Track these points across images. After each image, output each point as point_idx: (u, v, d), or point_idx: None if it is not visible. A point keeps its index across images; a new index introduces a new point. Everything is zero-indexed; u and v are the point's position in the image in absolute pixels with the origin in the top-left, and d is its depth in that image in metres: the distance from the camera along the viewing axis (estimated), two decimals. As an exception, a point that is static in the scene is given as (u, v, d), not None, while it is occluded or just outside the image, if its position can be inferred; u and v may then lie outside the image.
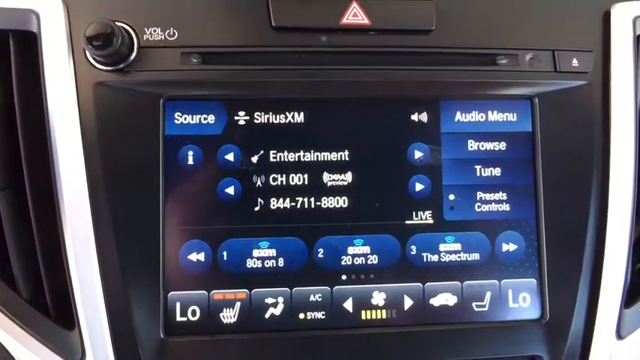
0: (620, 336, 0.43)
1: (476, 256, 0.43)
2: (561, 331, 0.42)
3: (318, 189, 0.42)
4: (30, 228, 0.40)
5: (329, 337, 0.41)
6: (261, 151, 0.42)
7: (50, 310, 0.41)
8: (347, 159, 0.43)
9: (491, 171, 0.44)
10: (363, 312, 0.42)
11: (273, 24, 0.42)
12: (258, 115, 0.42)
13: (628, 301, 0.44)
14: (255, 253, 0.42)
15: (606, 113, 0.44)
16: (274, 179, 0.42)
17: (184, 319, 0.41)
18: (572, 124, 0.44)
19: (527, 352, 0.42)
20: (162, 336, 0.40)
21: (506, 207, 0.44)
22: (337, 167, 0.43)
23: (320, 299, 0.42)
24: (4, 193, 0.41)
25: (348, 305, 0.42)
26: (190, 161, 0.42)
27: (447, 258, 0.43)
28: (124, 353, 0.39)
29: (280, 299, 0.41)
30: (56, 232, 0.40)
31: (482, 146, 0.44)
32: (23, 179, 0.40)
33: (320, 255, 0.42)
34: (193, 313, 0.41)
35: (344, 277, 0.42)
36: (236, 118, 0.42)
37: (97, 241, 0.40)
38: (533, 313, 0.43)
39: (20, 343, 0.40)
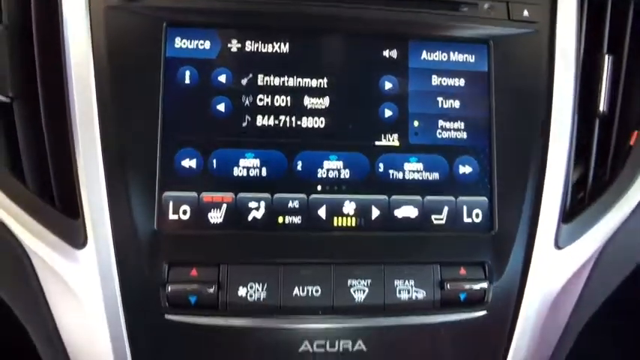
0: (558, 246, 0.49)
1: (436, 176, 0.49)
2: (507, 241, 0.48)
3: (299, 110, 0.48)
4: (40, 129, 0.45)
5: (304, 238, 0.47)
6: (250, 75, 0.48)
7: (56, 202, 0.45)
8: (325, 86, 0.49)
9: (451, 103, 0.50)
10: (335, 219, 0.48)
11: None
12: (248, 43, 0.48)
13: (567, 218, 0.50)
14: (242, 162, 0.47)
15: (551, 57, 0.50)
16: (260, 100, 0.48)
17: (176, 217, 0.46)
18: (522, 66, 0.51)
19: (476, 258, 0.48)
20: (155, 228, 0.45)
21: (463, 135, 0.50)
22: (317, 92, 0.49)
23: (297, 206, 0.47)
24: (18, 99, 0.46)
25: (322, 212, 0.48)
26: (187, 80, 0.47)
27: (410, 176, 0.49)
28: (121, 241, 0.44)
29: (262, 203, 0.47)
30: (65, 135, 0.45)
31: (444, 82, 0.50)
32: (35, 88, 0.46)
33: (299, 167, 0.48)
34: (184, 212, 0.46)
35: (319, 187, 0.48)
36: (229, 45, 0.48)
37: (103, 143, 0.45)
38: (484, 227, 0.49)
39: (29, 231, 0.45)
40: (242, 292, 0.45)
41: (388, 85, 0.49)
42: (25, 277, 0.46)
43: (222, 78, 0.48)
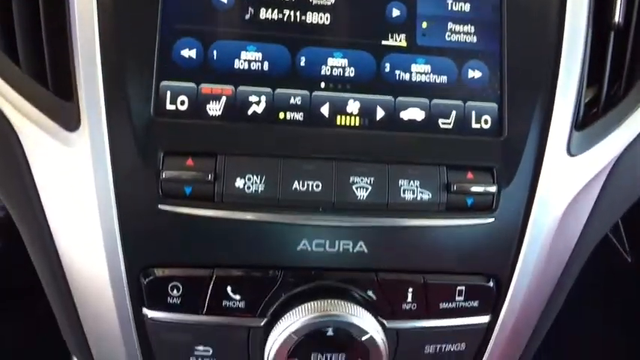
0: (571, 154, 0.47)
1: (444, 79, 0.47)
2: (516, 146, 0.46)
3: (304, 5, 0.46)
4: (37, 10, 0.44)
5: (306, 133, 0.45)
6: None
7: (50, 85, 0.44)
8: None
9: (461, 6, 0.48)
10: (339, 117, 0.46)
11: None
12: None
13: (580, 127, 0.48)
14: (243, 55, 0.45)
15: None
16: None
17: (173, 107, 0.44)
18: None
19: (485, 163, 0.46)
20: (151, 115, 0.43)
21: (473, 39, 0.48)
22: None
23: (299, 102, 0.45)
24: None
25: (325, 110, 0.46)
26: (189, -32, 0.46)
27: (417, 78, 0.47)
28: (115, 126, 0.43)
29: (263, 98, 0.45)
30: (62, 17, 0.44)
31: (454, -17, 0.49)
32: None
33: (302, 63, 0.46)
34: (182, 102, 0.44)
35: (322, 84, 0.46)
36: None
37: (100, 27, 0.43)
38: (493, 133, 0.47)
39: (21, 113, 0.43)
40: (239, 183, 0.43)
41: (396, -16, 0.48)
42: (17, 166, 0.44)
43: None
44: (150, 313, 0.45)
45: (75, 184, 0.43)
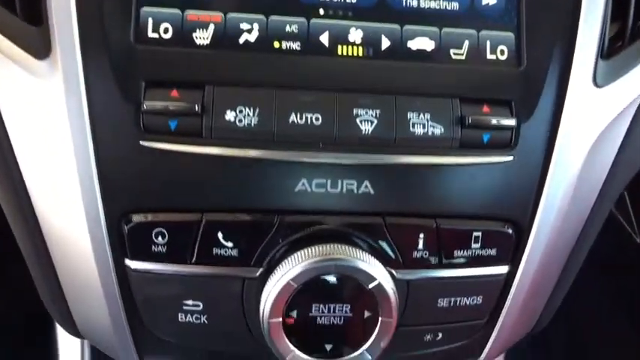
0: (597, 85, 0.42)
1: (455, 6, 0.43)
2: (537, 77, 0.42)
3: None
4: None
5: (303, 62, 0.40)
6: None
7: (18, 9, 0.39)
8: None
9: None
10: (340, 47, 0.41)
11: None
12: None
13: (606, 56, 0.43)
14: (232, -23, 0.41)
15: None
16: None
17: (156, 35, 0.40)
18: None
19: (502, 95, 0.42)
20: (132, 41, 0.39)
21: None
22: None
23: (296, 30, 0.41)
24: None
25: (324, 39, 0.41)
26: None
27: (426, 4, 0.42)
28: (90, 53, 0.38)
29: (255, 25, 0.41)
30: None
31: None
32: None
33: (298, -13, 0.41)
34: (165, 30, 0.40)
35: (321, 11, 0.41)
36: None
37: None
38: (510, 64, 0.43)
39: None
40: (230, 116, 0.39)
41: None
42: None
43: None
44: (133, 264, 0.41)
45: (46, 120, 0.39)
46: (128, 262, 0.41)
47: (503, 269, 0.44)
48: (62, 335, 0.55)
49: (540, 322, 0.51)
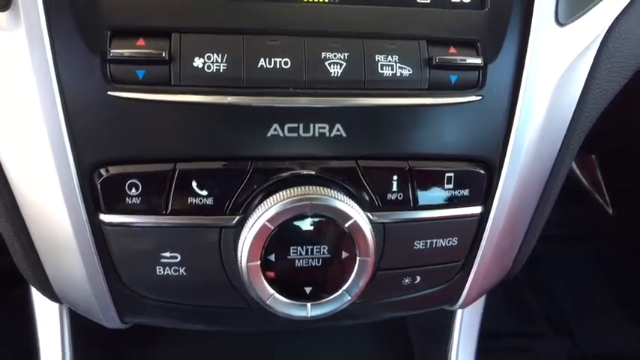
0: (560, 23, 0.43)
1: (418, -49, 0.43)
2: (501, 17, 0.42)
3: None
4: None
5: (270, 8, 0.40)
6: None
7: None
8: None
9: None
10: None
11: None
12: None
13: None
14: None
15: None
16: None
17: None
18: None
19: (467, 36, 0.42)
20: None
21: None
22: None
23: None
24: None
25: (291, -16, 0.41)
26: None
27: None
28: (54, 4, 0.37)
29: (221, -27, 0.40)
30: None
31: None
32: None
33: None
34: None
35: None
36: None
37: None
38: (474, 6, 0.43)
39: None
40: (198, 62, 0.38)
41: None
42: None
43: None
44: (107, 218, 0.40)
45: (11, 73, 0.38)
46: (102, 216, 0.40)
47: (476, 210, 0.45)
48: (39, 302, 0.54)
49: (513, 268, 0.52)
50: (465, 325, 0.59)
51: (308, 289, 0.40)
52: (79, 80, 0.38)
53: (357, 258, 0.40)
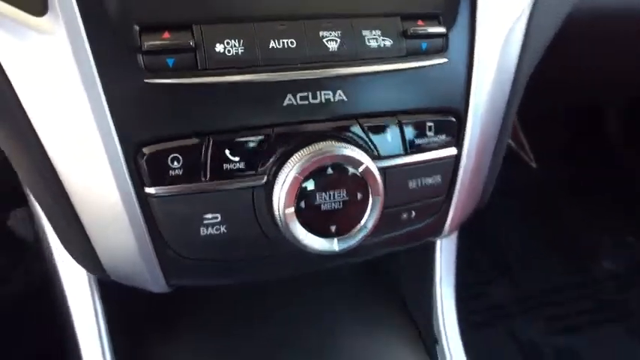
0: None
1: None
2: None
3: None
4: None
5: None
6: None
7: None
8: None
9: None
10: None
11: None
12: None
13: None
14: None
15: None
16: None
17: None
18: None
19: (432, 11, 0.52)
20: None
21: None
22: None
23: None
24: None
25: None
26: None
27: None
28: (88, 7, 0.42)
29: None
30: None
31: None
32: None
33: None
34: None
35: None
36: None
37: None
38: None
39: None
40: (219, 48, 0.45)
41: None
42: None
43: None
44: (153, 191, 0.46)
45: (58, 74, 0.43)
46: (148, 189, 0.46)
47: (452, 151, 0.55)
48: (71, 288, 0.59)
49: (482, 199, 0.63)
50: (445, 259, 0.69)
51: (333, 228, 0.48)
52: (117, 73, 0.44)
53: (370, 197, 0.48)
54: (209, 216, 0.48)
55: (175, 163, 0.46)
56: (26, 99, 0.44)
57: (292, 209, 0.46)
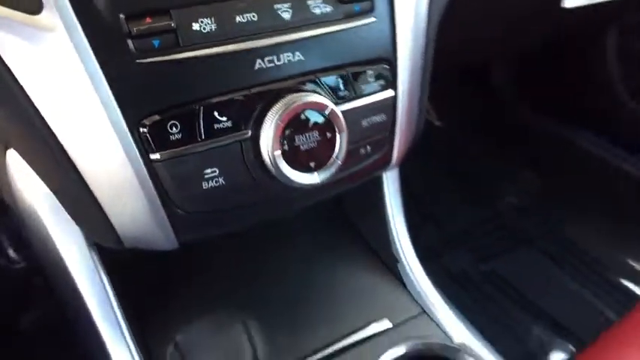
0: None
1: None
2: None
3: None
4: None
5: None
6: None
7: None
8: None
9: None
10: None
11: None
12: None
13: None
14: None
15: None
16: None
17: None
18: None
19: (357, -21, 0.63)
20: None
21: None
22: None
23: None
24: None
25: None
26: None
27: None
28: (80, 2, 0.49)
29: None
30: None
31: None
32: None
33: None
34: None
35: None
36: None
37: None
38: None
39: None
40: (196, 27, 0.53)
41: None
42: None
43: None
44: (159, 156, 0.53)
45: (61, 62, 0.49)
46: (153, 155, 0.53)
47: (390, 93, 0.67)
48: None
49: (416, 135, 0.76)
50: (392, 190, 0.82)
51: (312, 163, 0.58)
52: (112, 57, 0.50)
53: (337, 135, 0.59)
54: (208, 171, 0.56)
55: (174, 129, 0.53)
56: (35, 93, 0.50)
57: (279, 151, 0.56)
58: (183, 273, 0.78)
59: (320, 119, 0.58)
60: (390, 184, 0.81)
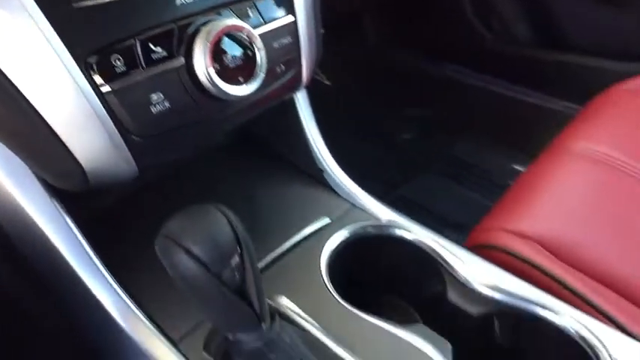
0: None
1: None
2: None
3: None
4: None
5: None
6: None
7: None
8: None
9: None
10: None
11: None
12: None
13: None
14: None
15: None
16: None
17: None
18: None
19: None
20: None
21: None
22: None
23: None
24: None
25: None
26: None
27: None
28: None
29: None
30: None
31: None
32: None
33: None
34: None
35: None
36: None
37: None
38: None
39: None
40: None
41: None
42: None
43: None
44: (109, 88, 0.61)
45: (8, 19, 0.55)
46: (104, 88, 0.61)
47: (291, 18, 0.78)
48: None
49: (317, 60, 0.89)
50: (305, 109, 0.94)
51: (241, 78, 0.69)
52: (52, 4, 0.57)
53: (257, 52, 0.70)
54: (154, 96, 0.64)
55: (118, 62, 0.61)
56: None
57: (213, 69, 0.65)
58: (135, 214, 0.85)
59: (242, 40, 0.68)
60: (303, 103, 0.94)
